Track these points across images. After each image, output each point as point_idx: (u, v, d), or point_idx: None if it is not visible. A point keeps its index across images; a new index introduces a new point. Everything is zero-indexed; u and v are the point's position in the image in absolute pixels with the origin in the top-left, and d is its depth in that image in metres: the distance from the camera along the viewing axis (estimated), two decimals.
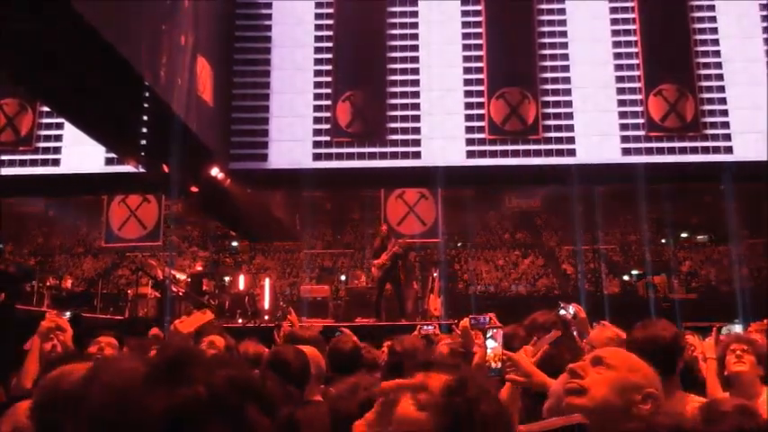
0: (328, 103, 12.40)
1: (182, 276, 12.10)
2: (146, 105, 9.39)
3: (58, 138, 12.31)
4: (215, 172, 11.58)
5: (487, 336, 2.07)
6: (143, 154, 10.57)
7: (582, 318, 3.20)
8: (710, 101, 12.23)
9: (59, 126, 12.21)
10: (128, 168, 11.59)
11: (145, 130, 9.97)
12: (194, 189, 11.99)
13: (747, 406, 1.73)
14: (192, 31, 10.37)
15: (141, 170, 11.29)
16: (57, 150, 12.28)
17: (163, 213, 13.64)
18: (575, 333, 3.05)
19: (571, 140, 12.14)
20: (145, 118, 9.69)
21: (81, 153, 11.98)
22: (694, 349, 3.40)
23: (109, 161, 12.18)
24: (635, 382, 1.60)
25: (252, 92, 12.50)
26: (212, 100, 11.58)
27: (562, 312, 2.99)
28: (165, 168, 10.75)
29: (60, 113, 11.12)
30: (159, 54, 9.12)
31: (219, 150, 11.84)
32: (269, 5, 12.80)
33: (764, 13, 12.46)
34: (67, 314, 3.24)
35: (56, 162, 12.25)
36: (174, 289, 10.74)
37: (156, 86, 9.03)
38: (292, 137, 12.27)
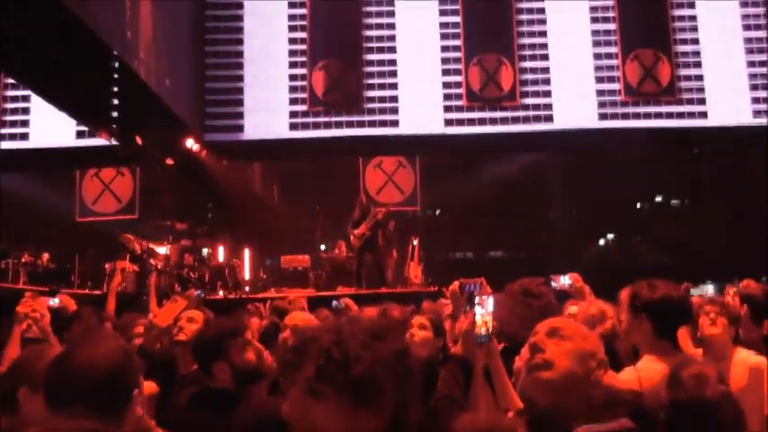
0: (304, 71, 12.21)
1: (160, 250, 11.97)
2: (116, 76, 9.15)
3: (26, 111, 11.97)
4: (190, 144, 11.39)
5: (475, 302, 2.04)
6: (115, 126, 10.33)
7: (578, 287, 3.20)
8: (686, 65, 12.30)
9: (26, 99, 11.86)
10: (100, 141, 11.33)
11: (116, 101, 9.73)
12: (169, 162, 11.79)
13: (706, 373, 1.73)
14: (162, 3, 10.07)
15: (114, 143, 11.05)
16: (24, 124, 11.96)
17: (138, 186, 13.42)
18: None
19: (548, 107, 12.15)
20: (115, 89, 9.45)
21: (51, 127, 11.68)
22: None
23: (80, 134, 11.89)
24: (590, 350, 1.68)
25: (225, 61, 12.25)
26: (185, 70, 11.32)
27: (553, 285, 2.99)
28: (139, 141, 10.54)
29: (26, 86, 10.80)
30: (128, 24, 8.85)
31: (194, 122, 11.63)
32: None
33: None
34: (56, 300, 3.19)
35: (24, 136, 11.94)
36: (152, 262, 10.63)
37: (125, 57, 8.78)
38: (268, 107, 12.09)
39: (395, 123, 12.12)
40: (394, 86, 12.21)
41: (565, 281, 3.09)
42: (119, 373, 1.50)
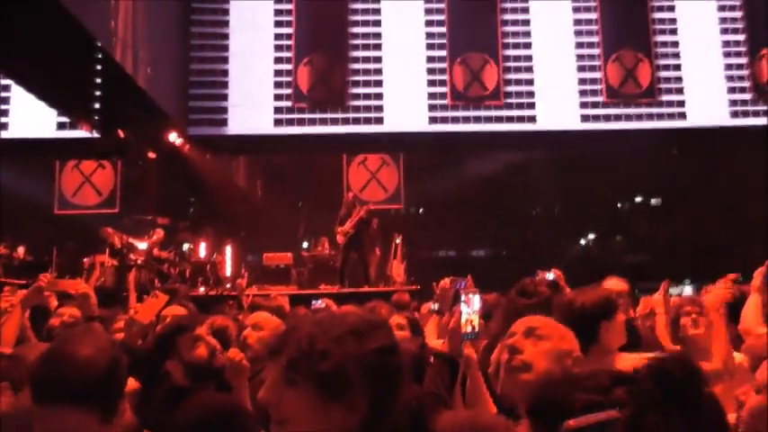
0: (289, 67, 12.17)
1: (140, 244, 11.86)
2: (99, 68, 9.04)
3: (6, 100, 11.77)
4: (173, 137, 11.29)
5: (461, 299, 2.07)
6: (97, 118, 10.21)
7: (561, 286, 3.24)
8: (666, 67, 12.46)
9: (6, 88, 11.66)
10: (81, 133, 11.18)
11: (99, 93, 9.62)
12: (152, 155, 11.68)
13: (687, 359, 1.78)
14: None
15: (95, 135, 10.92)
16: (4, 113, 11.76)
17: (119, 179, 13.26)
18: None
19: (532, 107, 12.25)
20: (98, 81, 9.34)
21: (31, 117, 11.50)
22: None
23: (61, 126, 11.72)
24: (567, 348, 1.69)
25: (210, 54, 12.17)
26: (170, 63, 11.21)
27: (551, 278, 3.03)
28: (121, 134, 10.43)
29: (7, 76, 10.62)
30: (112, 14, 8.75)
31: (178, 115, 11.54)
32: None
33: None
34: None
35: (3, 126, 11.74)
36: (132, 257, 10.53)
37: (109, 48, 8.68)
38: (252, 102, 12.03)
39: (379, 121, 12.13)
40: (379, 84, 12.22)
41: (549, 276, 3.14)
42: (113, 370, 1.49)
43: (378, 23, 12.38)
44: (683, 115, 12.34)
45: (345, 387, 1.13)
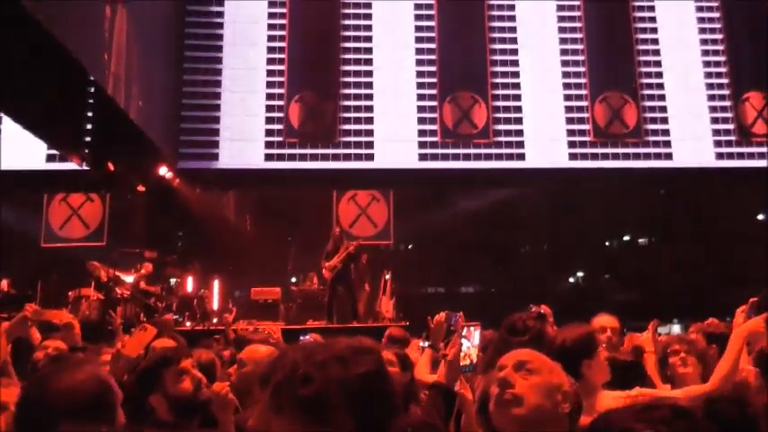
0: (281, 103, 12.29)
1: (127, 278, 11.73)
2: (90, 100, 9.08)
3: None
4: (163, 171, 11.29)
5: (462, 333, 2.15)
6: (87, 151, 10.20)
7: (550, 322, 3.25)
8: (652, 109, 12.71)
9: None
10: (70, 166, 11.16)
11: (89, 126, 9.63)
12: (141, 188, 11.66)
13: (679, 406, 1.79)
14: (141, 27, 10.08)
15: (85, 168, 10.90)
16: None
17: (107, 213, 13.19)
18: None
19: (521, 145, 12.40)
20: (89, 113, 9.36)
21: (20, 149, 11.47)
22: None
23: (50, 158, 11.69)
24: (556, 383, 1.68)
25: (202, 90, 12.27)
26: (162, 97, 11.29)
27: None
28: (111, 167, 10.41)
29: None
30: (105, 48, 8.83)
31: (168, 149, 11.56)
32: (221, 2, 12.59)
33: (702, 24, 13.04)
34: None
35: None
36: (118, 291, 10.40)
37: (101, 81, 8.73)
38: (243, 136, 12.10)
39: (370, 157, 12.22)
40: (369, 121, 12.35)
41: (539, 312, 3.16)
42: (102, 396, 1.44)
43: (369, 62, 12.58)
44: (669, 156, 12.54)
45: (329, 412, 1.13)
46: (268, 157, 12.07)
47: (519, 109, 12.52)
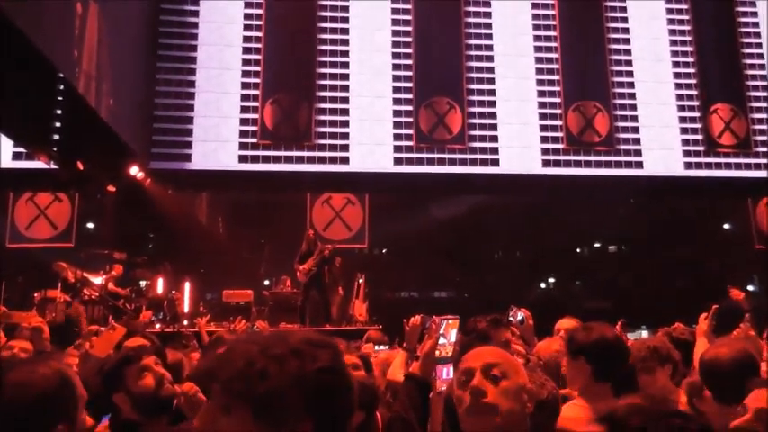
0: (256, 104, 12.19)
1: (96, 279, 11.50)
2: (59, 98, 8.89)
3: None
4: (134, 171, 11.11)
5: (441, 330, 2.21)
6: (55, 150, 9.98)
7: (529, 324, 3.27)
8: (623, 118, 12.93)
9: None
10: (38, 164, 10.91)
11: (58, 124, 9.42)
12: (111, 188, 11.45)
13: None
14: (113, 24, 9.92)
15: (53, 167, 10.66)
16: None
17: (76, 213, 12.92)
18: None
19: (495, 151, 12.50)
20: (58, 111, 9.16)
21: None
22: None
23: (17, 156, 11.42)
24: (522, 383, 1.69)
25: (176, 90, 12.12)
26: (134, 96, 11.12)
27: (511, 319, 3.09)
28: (80, 166, 10.20)
29: None
30: (75, 45, 8.67)
31: (140, 149, 11.38)
32: (196, 2, 12.47)
33: (673, 37, 13.33)
34: None
35: None
36: (86, 292, 10.19)
37: (71, 78, 8.56)
38: (217, 137, 11.98)
39: (345, 161, 12.19)
40: (345, 124, 12.33)
41: (518, 316, 3.18)
42: (60, 391, 1.38)
43: (346, 65, 12.57)
44: (639, 164, 12.76)
45: (284, 411, 1.04)
46: (242, 159, 11.97)
47: (494, 115, 12.62)
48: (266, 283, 12.51)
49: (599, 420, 2.00)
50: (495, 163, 12.47)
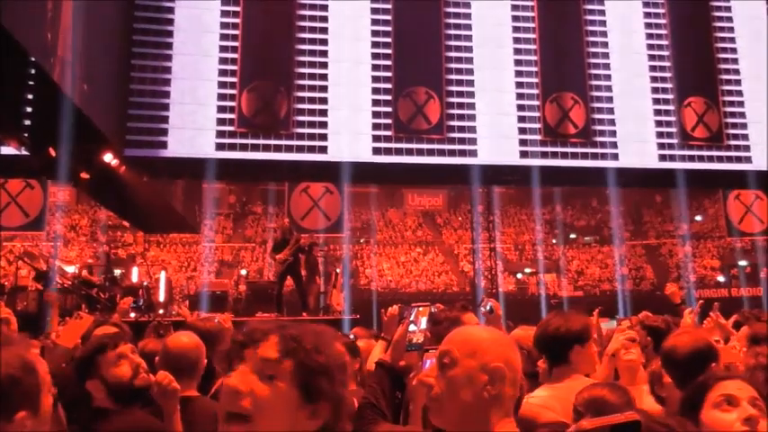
0: (233, 91, 12.06)
1: (69, 268, 11.33)
2: (31, 83, 8.68)
3: None
4: (108, 158, 10.93)
5: (411, 317, 2.23)
6: (27, 135, 9.77)
7: (498, 315, 3.31)
8: (600, 110, 13.07)
9: None
10: (8, 150, 10.67)
11: (29, 109, 9.22)
12: (85, 176, 11.25)
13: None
14: (88, 9, 9.70)
15: (24, 153, 10.44)
16: None
17: (48, 200, 12.69)
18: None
19: (473, 141, 12.55)
20: (29, 96, 8.95)
21: None
22: None
23: None
24: (478, 365, 1.46)
25: (152, 76, 11.91)
26: (108, 82, 10.91)
27: (482, 309, 3.15)
28: (53, 152, 10.00)
29: None
30: (48, 28, 8.47)
31: (114, 135, 11.19)
32: None
33: (649, 31, 13.49)
34: None
35: None
36: (59, 281, 10.03)
37: (43, 63, 8.37)
38: (194, 125, 11.82)
39: (323, 150, 12.13)
40: (324, 113, 12.25)
41: (488, 306, 3.21)
42: (6, 386, 1.34)
43: (325, 54, 12.49)
44: (615, 156, 12.93)
45: (320, 392, 1.14)
46: (219, 147, 11.84)
47: (472, 106, 12.66)
48: (243, 272, 12.45)
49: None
50: (474, 154, 12.52)
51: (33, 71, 8.48)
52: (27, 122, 9.47)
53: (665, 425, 1.34)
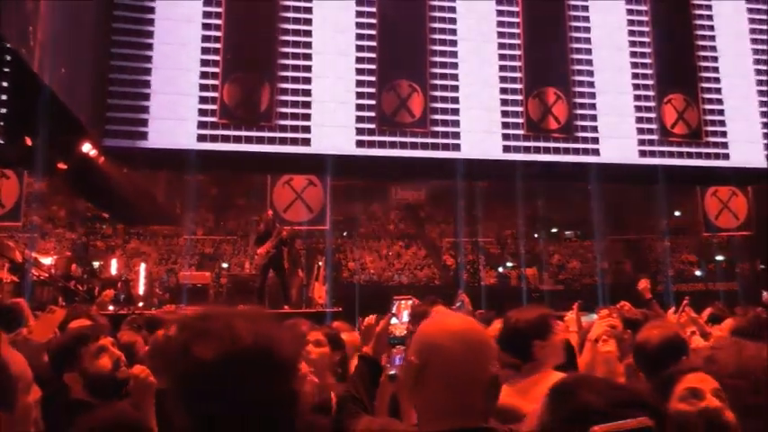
0: (215, 82, 11.92)
1: (45, 260, 11.15)
2: (6, 70, 8.50)
3: None
4: (87, 148, 10.76)
5: (392, 310, 2.42)
6: (2, 124, 9.57)
7: (468, 310, 3.35)
8: (582, 106, 13.15)
9: None
10: None
11: (4, 97, 9.03)
12: (62, 166, 11.07)
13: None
14: None
15: None
16: None
17: (24, 191, 12.47)
18: None
19: (456, 136, 12.56)
20: (4, 84, 8.77)
21: None
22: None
23: None
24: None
25: (132, 65, 11.72)
26: (87, 71, 10.73)
27: (456, 305, 3.20)
28: (29, 141, 9.81)
29: None
30: (23, 13, 8.29)
31: (93, 125, 11.01)
32: None
33: (632, 27, 13.58)
34: None
35: None
36: (35, 273, 9.87)
37: (18, 48, 8.19)
38: (175, 115, 11.67)
39: (306, 142, 12.06)
40: (307, 105, 12.17)
41: (458, 302, 3.26)
42: None
43: (309, 45, 12.39)
44: (596, 152, 13.03)
45: None
46: (200, 138, 11.70)
47: (456, 100, 12.66)
48: (224, 264, 12.36)
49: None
50: (457, 148, 12.53)
51: (9, 58, 8.30)
52: (2, 111, 9.28)
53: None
